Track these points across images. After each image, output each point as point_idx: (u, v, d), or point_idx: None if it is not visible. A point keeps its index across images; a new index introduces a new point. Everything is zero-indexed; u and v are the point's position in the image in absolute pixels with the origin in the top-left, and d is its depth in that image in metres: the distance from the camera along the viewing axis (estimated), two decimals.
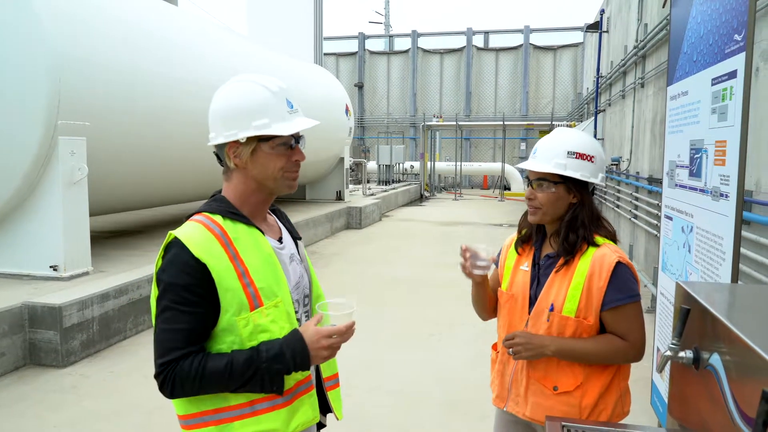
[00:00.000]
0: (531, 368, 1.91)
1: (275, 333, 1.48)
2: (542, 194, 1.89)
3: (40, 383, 4.42)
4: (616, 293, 1.82)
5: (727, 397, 1.19)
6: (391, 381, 4.56)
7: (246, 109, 1.48)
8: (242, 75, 1.56)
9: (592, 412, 1.85)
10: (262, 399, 1.48)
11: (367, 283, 7.99)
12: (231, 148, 1.51)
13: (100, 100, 6.21)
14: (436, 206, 18.95)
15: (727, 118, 2.44)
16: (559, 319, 1.85)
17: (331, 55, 28.88)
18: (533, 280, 1.96)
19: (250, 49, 10.78)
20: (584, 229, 1.87)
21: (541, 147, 1.93)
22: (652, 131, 8.02)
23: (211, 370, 1.41)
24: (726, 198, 2.43)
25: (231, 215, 1.52)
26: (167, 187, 8.25)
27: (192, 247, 1.43)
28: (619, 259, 1.84)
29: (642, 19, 9.11)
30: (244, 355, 1.43)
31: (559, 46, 27.11)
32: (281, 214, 1.76)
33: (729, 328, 1.18)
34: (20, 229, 5.72)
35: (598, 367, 1.86)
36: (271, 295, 1.49)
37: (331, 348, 1.49)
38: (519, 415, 1.96)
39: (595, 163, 1.89)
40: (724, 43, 2.50)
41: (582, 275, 1.84)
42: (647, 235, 7.83)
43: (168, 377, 1.41)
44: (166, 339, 1.43)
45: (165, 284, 1.43)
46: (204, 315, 1.44)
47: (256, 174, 1.53)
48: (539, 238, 2.02)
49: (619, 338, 1.84)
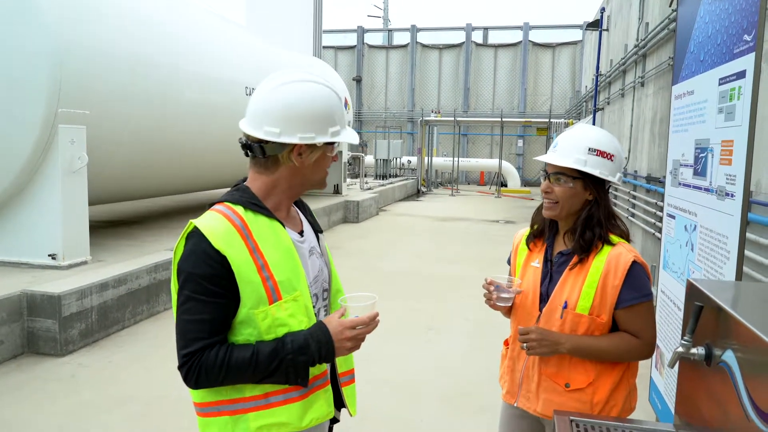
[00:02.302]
0: (543, 365, 1.92)
1: (293, 327, 1.47)
2: (559, 188, 1.88)
3: (39, 372, 4.42)
4: (632, 292, 1.83)
5: (741, 394, 1.20)
6: (389, 374, 4.58)
7: (325, 115, 1.48)
8: (303, 73, 1.51)
9: (603, 408, 1.87)
10: (277, 392, 1.49)
11: (365, 277, 8.00)
12: (298, 149, 1.48)
13: (100, 88, 6.17)
14: (433, 201, 18.97)
15: (734, 118, 2.45)
16: (573, 317, 1.85)
17: (329, 48, 28.78)
18: (545, 277, 1.96)
19: (250, 41, 10.74)
20: (600, 227, 1.87)
21: (562, 141, 1.91)
22: (652, 130, 8.04)
23: (236, 361, 1.41)
24: (732, 197, 2.45)
25: (253, 206, 1.50)
26: (166, 177, 8.22)
27: (212, 237, 1.42)
28: (634, 259, 1.85)
29: (643, 18, 9.12)
30: (270, 347, 1.43)
31: (558, 43, 27.11)
32: (304, 206, 1.75)
33: (745, 325, 1.19)
34: (19, 217, 5.69)
35: (609, 365, 1.88)
36: (290, 289, 1.48)
37: (355, 339, 1.49)
38: (530, 411, 1.97)
39: (615, 161, 1.89)
40: (733, 43, 2.50)
41: (597, 273, 1.84)
42: (644, 234, 7.86)
43: (193, 368, 1.41)
44: (189, 330, 1.42)
45: (186, 274, 1.42)
46: (225, 305, 1.43)
47: (308, 173, 1.53)
48: (551, 235, 2.01)
49: (632, 336, 1.85)
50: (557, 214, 1.92)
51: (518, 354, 2.01)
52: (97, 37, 6.13)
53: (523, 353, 1.97)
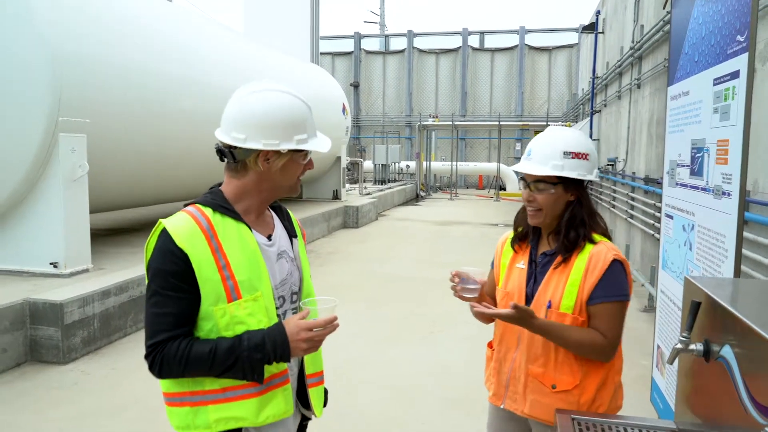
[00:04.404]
0: (530, 365, 1.92)
1: (252, 325, 1.54)
2: (542, 196, 1.89)
3: (42, 380, 4.43)
4: (605, 290, 1.83)
5: (739, 388, 1.22)
6: (390, 377, 4.59)
7: (290, 123, 1.55)
8: (272, 83, 1.59)
9: (590, 408, 1.87)
10: (235, 387, 1.55)
11: (365, 282, 8.01)
12: (264, 155, 1.55)
13: (99, 97, 6.20)
14: (432, 206, 19.00)
15: (729, 118, 2.48)
16: (557, 316, 1.86)
17: (327, 54, 28.83)
18: (530, 278, 1.97)
19: (248, 47, 10.78)
20: (584, 226, 1.89)
21: (536, 148, 1.92)
22: (649, 131, 8.08)
23: (195, 355, 1.49)
24: (728, 196, 2.47)
25: (222, 209, 1.58)
26: (166, 185, 8.25)
27: (176, 236, 1.50)
28: (615, 257, 1.86)
29: (638, 21, 9.17)
30: (228, 343, 1.50)
31: (555, 47, 27.19)
32: (282, 211, 1.80)
33: (741, 320, 1.22)
34: (21, 225, 5.72)
35: (594, 365, 1.87)
36: (251, 289, 1.55)
37: (311, 341, 1.53)
38: (517, 412, 1.97)
39: (590, 160, 1.91)
40: (726, 43, 2.54)
41: (579, 272, 1.85)
42: (643, 235, 7.89)
43: (156, 358, 1.50)
44: (155, 322, 1.51)
45: (153, 270, 1.51)
46: (189, 300, 1.51)
47: (276, 179, 1.59)
48: (535, 236, 2.03)
49: (600, 334, 1.84)
50: (542, 221, 1.93)
51: (504, 355, 2.02)
52: (95, 46, 6.17)
53: (510, 355, 1.98)
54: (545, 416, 1.88)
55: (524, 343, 1.93)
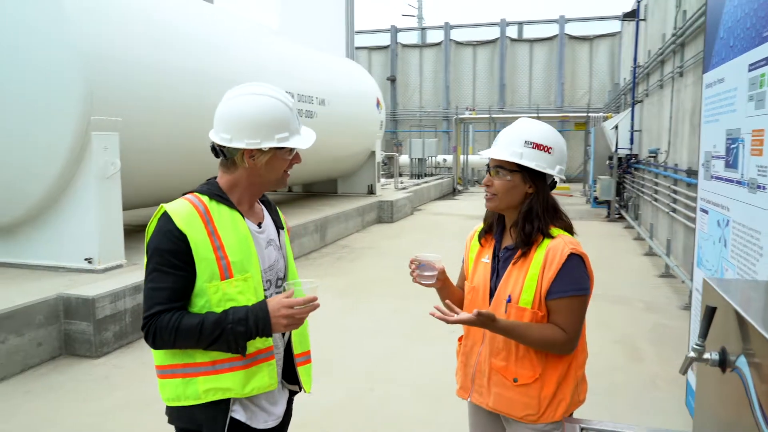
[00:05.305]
0: (493, 358, 1.92)
1: (241, 303, 1.66)
2: (498, 181, 1.91)
3: (75, 373, 4.54)
4: (563, 284, 1.81)
5: (753, 402, 1.11)
6: (414, 374, 4.53)
7: (270, 123, 1.68)
8: (259, 86, 1.73)
9: (551, 402, 1.85)
10: (223, 360, 1.67)
11: (397, 276, 7.93)
12: (249, 153, 1.69)
13: (131, 95, 6.31)
14: (469, 200, 18.78)
15: (764, 106, 2.31)
16: (516, 311, 1.85)
17: (363, 48, 28.84)
18: (493, 272, 1.97)
19: (281, 46, 10.83)
20: (539, 220, 1.86)
21: (502, 135, 1.95)
22: (692, 122, 7.74)
23: (184, 327, 1.60)
24: (763, 190, 2.31)
25: (217, 197, 1.73)
26: (198, 181, 8.35)
27: (176, 219, 1.64)
28: (572, 251, 1.82)
29: (681, 6, 8.80)
30: (214, 317, 1.62)
31: (596, 35, 26.49)
32: (270, 206, 1.96)
33: (757, 330, 1.11)
34: (56, 223, 5.87)
35: (554, 358, 1.86)
36: (242, 270, 1.68)
37: (292, 318, 1.63)
38: (483, 405, 1.97)
39: (553, 154, 1.89)
40: (762, 26, 2.37)
41: (537, 266, 1.84)
42: (686, 230, 7.58)
43: (151, 328, 1.62)
44: (152, 296, 1.64)
45: (153, 249, 1.65)
46: (184, 277, 1.64)
47: (263, 174, 1.74)
48: (499, 230, 2.02)
49: (559, 329, 1.82)
50: (496, 206, 1.94)
51: (471, 349, 2.03)
52: (126, 45, 6.27)
53: (476, 349, 1.99)
54: (508, 410, 1.89)
55: (488, 337, 1.94)
